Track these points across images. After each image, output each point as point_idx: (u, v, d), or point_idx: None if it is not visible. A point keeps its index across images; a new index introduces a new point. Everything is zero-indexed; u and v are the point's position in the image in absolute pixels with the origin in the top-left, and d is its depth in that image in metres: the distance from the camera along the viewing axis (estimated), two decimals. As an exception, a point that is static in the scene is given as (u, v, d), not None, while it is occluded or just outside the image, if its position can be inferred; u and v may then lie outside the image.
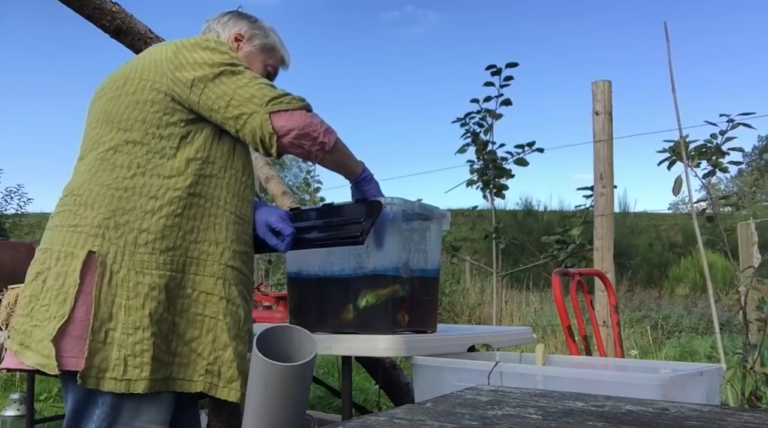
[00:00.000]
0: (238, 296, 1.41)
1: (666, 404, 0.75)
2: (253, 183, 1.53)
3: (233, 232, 1.42)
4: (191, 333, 1.34)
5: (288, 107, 1.35)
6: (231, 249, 1.41)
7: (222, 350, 1.35)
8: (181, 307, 1.33)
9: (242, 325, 1.41)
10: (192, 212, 1.36)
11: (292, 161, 21.57)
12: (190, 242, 1.35)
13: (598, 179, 2.96)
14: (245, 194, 1.47)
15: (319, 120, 1.39)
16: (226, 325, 1.36)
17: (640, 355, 4.71)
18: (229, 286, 1.39)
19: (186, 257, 1.34)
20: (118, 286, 1.27)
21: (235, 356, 1.36)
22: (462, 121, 3.67)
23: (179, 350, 1.33)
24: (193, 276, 1.35)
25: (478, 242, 11.06)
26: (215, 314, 1.36)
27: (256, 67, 1.54)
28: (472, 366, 1.38)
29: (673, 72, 2.51)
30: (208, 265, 1.37)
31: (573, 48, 51.67)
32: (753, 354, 2.15)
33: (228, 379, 1.35)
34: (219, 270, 1.38)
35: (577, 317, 2.10)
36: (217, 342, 1.35)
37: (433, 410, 0.72)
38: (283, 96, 1.36)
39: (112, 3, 2.30)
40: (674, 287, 10.08)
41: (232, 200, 1.42)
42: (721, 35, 46.77)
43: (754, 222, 4.01)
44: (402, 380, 2.45)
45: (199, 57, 1.36)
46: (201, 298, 1.35)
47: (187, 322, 1.34)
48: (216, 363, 1.35)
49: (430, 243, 1.69)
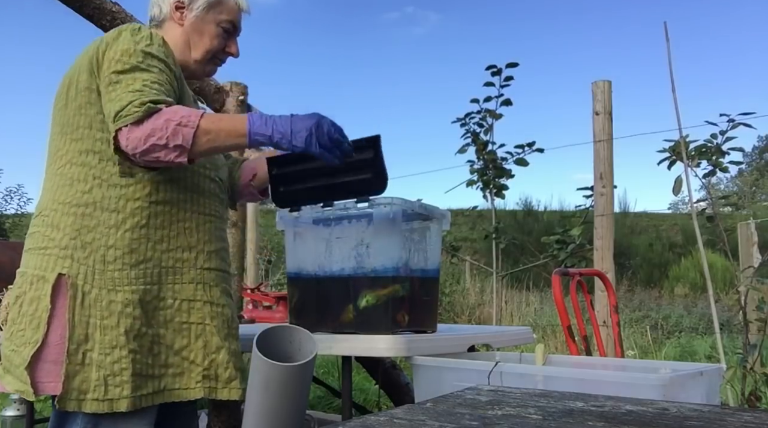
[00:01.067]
0: (221, 296, 1.38)
1: (666, 404, 0.75)
2: (218, 168, 1.47)
3: (205, 233, 1.38)
4: (180, 342, 1.31)
5: (127, 121, 1.19)
6: (206, 251, 1.37)
7: (215, 353, 1.33)
8: (164, 318, 1.30)
9: (231, 323, 1.40)
10: (158, 221, 1.31)
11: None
12: (161, 252, 1.31)
13: (598, 179, 2.96)
14: (210, 188, 1.41)
15: (163, 120, 1.19)
16: (215, 328, 1.34)
17: (640, 355, 4.70)
18: (210, 289, 1.36)
19: (160, 267, 1.30)
20: (91, 306, 1.24)
21: (230, 356, 1.35)
22: (462, 121, 3.67)
23: (170, 361, 1.30)
24: (171, 286, 1.31)
25: (478, 242, 11.06)
26: (201, 320, 1.33)
27: (210, 31, 1.44)
28: (472, 366, 1.38)
29: (673, 72, 2.52)
30: (185, 272, 1.33)
31: (573, 48, 51.69)
32: (753, 354, 2.15)
33: (226, 380, 1.34)
34: (197, 275, 1.35)
35: (577, 318, 2.10)
36: (209, 346, 1.33)
37: (433, 410, 0.72)
38: (127, 106, 1.19)
39: (112, 3, 2.30)
40: (674, 287, 10.09)
41: (198, 199, 1.37)
42: (721, 35, 46.78)
43: (754, 222, 4.01)
44: (402, 380, 2.45)
45: (111, 54, 1.27)
46: (184, 306, 1.32)
47: (173, 332, 1.31)
48: (212, 367, 1.33)
49: (430, 243, 1.69)
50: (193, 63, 1.46)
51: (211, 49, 1.45)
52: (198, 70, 1.48)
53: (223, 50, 1.48)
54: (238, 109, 2.80)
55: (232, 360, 1.35)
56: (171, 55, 1.36)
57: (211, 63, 1.49)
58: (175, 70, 1.35)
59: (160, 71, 1.28)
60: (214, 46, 1.46)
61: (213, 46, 1.45)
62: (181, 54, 1.44)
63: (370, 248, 1.55)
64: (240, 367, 1.37)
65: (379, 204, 1.51)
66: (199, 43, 1.44)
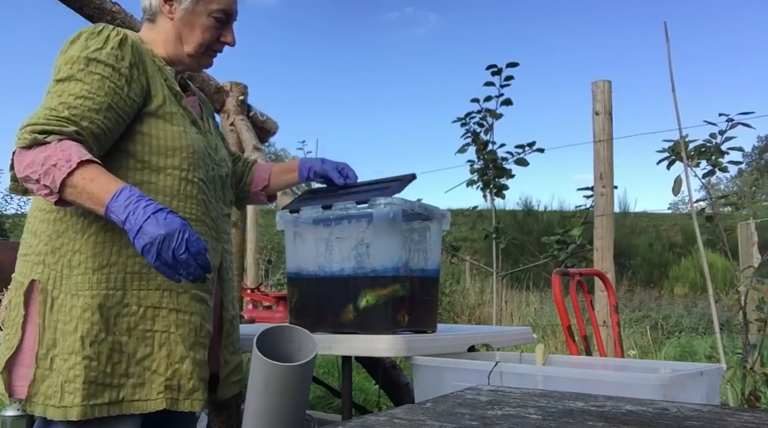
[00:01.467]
0: (189, 303, 1.31)
1: (666, 404, 0.75)
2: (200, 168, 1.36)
3: None
4: (142, 351, 1.25)
5: (18, 144, 1.15)
6: None
7: (179, 363, 1.28)
8: (127, 325, 1.25)
9: (199, 331, 1.33)
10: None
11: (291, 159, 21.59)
12: (127, 256, 1.25)
13: (598, 179, 2.96)
14: (186, 191, 1.33)
15: (43, 156, 1.12)
16: (180, 337, 1.28)
17: (640, 355, 4.71)
18: (178, 295, 1.30)
19: (125, 273, 1.25)
20: (59, 311, 1.22)
21: (194, 366, 1.29)
22: (462, 121, 3.67)
23: (131, 370, 1.24)
24: (136, 292, 1.26)
25: (478, 242, 11.06)
26: (166, 328, 1.28)
27: (202, 24, 1.38)
28: (472, 366, 1.38)
29: (673, 72, 2.52)
30: (151, 278, 1.27)
31: (573, 48, 51.73)
32: (753, 354, 2.15)
33: (189, 391, 1.29)
34: (164, 281, 1.28)
35: (577, 318, 2.10)
36: (173, 355, 1.27)
37: (433, 410, 0.72)
38: (27, 127, 1.15)
39: (112, 3, 2.30)
40: (674, 287, 10.09)
41: (171, 202, 1.30)
42: (721, 35, 46.79)
43: (754, 222, 4.01)
44: (402, 380, 2.45)
45: (59, 61, 1.25)
46: (149, 313, 1.27)
47: (136, 340, 1.25)
48: (174, 377, 1.27)
49: (430, 243, 1.69)
50: (187, 57, 1.41)
51: (203, 42, 1.40)
52: (193, 64, 1.44)
53: (218, 41, 1.43)
54: (238, 109, 2.81)
55: (197, 371, 1.30)
56: (137, 54, 1.30)
57: (206, 55, 1.44)
58: (135, 73, 1.28)
59: (101, 78, 1.22)
60: (206, 39, 1.40)
61: (205, 39, 1.40)
62: (174, 48, 1.40)
63: (370, 248, 1.55)
64: (203, 377, 1.32)
65: (379, 204, 1.51)
66: (191, 36, 1.39)
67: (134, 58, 1.29)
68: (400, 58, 52.29)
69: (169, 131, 1.31)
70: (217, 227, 1.42)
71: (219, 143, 1.53)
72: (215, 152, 1.46)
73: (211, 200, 1.41)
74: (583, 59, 48.01)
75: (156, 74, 1.35)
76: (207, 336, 1.35)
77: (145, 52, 1.34)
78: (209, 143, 1.44)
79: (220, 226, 1.45)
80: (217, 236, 1.43)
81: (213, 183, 1.42)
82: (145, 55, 1.33)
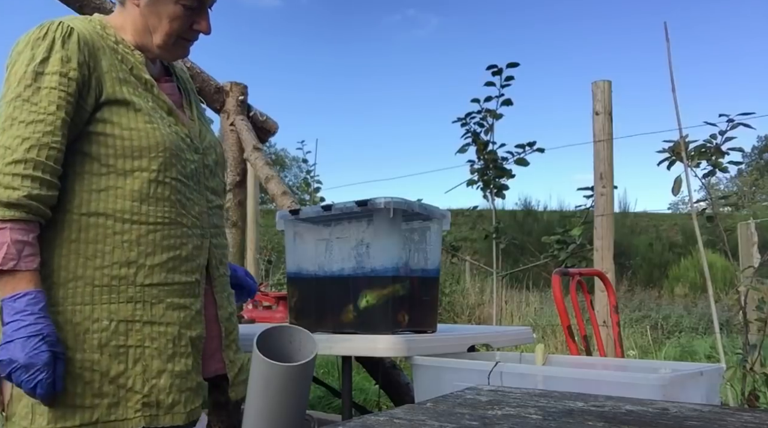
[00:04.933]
0: (165, 313, 1.24)
1: (666, 404, 0.75)
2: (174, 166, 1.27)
3: (148, 245, 1.23)
4: (116, 368, 1.18)
5: None
6: (147, 265, 1.22)
7: (156, 377, 1.21)
8: (99, 342, 1.17)
9: (178, 341, 1.25)
10: (91, 235, 1.19)
11: (292, 161, 21.62)
12: (95, 268, 1.18)
13: (598, 179, 2.96)
14: (158, 193, 1.24)
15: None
16: (156, 351, 1.21)
17: (640, 355, 4.71)
18: (152, 307, 1.22)
19: (93, 286, 1.18)
20: None
21: (173, 379, 1.22)
22: (462, 121, 3.67)
23: (105, 390, 1.17)
24: (107, 306, 1.18)
25: (478, 242, 11.05)
26: (140, 343, 1.20)
27: (168, 12, 1.27)
28: (472, 366, 1.38)
29: (673, 72, 2.52)
30: (122, 291, 1.20)
31: (573, 49, 51.79)
32: (753, 354, 2.15)
33: (169, 406, 1.22)
34: (137, 293, 1.21)
35: (577, 318, 2.10)
36: (149, 371, 1.20)
37: (433, 410, 0.72)
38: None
39: (112, 3, 2.30)
40: (674, 287, 10.09)
41: (140, 208, 1.22)
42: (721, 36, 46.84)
43: (754, 222, 4.02)
44: (402, 380, 2.44)
45: (8, 73, 1.18)
46: (121, 328, 1.19)
47: (108, 357, 1.17)
48: (152, 393, 1.20)
49: (430, 243, 1.69)
50: (156, 49, 1.31)
51: (171, 32, 1.28)
52: (164, 55, 1.34)
53: (190, 29, 1.30)
54: (238, 109, 2.81)
55: (176, 383, 1.23)
56: (84, 49, 1.20)
57: (178, 46, 1.32)
58: (85, 72, 1.20)
59: (49, 92, 1.15)
60: (174, 29, 1.28)
61: (173, 29, 1.28)
62: (141, 38, 1.30)
63: (370, 248, 1.55)
64: (185, 388, 1.25)
65: (379, 204, 1.51)
66: (158, 26, 1.28)
67: (82, 56, 1.19)
68: (400, 60, 52.36)
69: (136, 129, 1.22)
70: (200, 223, 1.33)
71: (205, 127, 1.43)
72: (199, 140, 1.36)
73: (191, 196, 1.31)
74: (583, 60, 48.05)
75: (115, 65, 1.25)
76: (189, 344, 1.27)
77: (99, 43, 1.24)
78: (190, 132, 1.34)
79: (206, 220, 1.35)
80: (202, 232, 1.33)
81: (194, 177, 1.32)
82: (98, 48, 1.23)
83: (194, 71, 2.66)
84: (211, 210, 1.38)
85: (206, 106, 2.79)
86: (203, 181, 1.36)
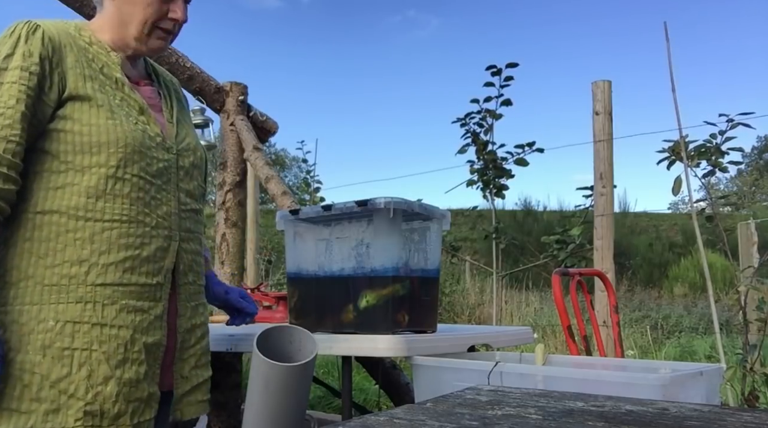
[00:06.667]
0: (118, 315, 1.18)
1: (666, 404, 0.75)
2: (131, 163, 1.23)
3: (102, 243, 1.18)
4: (58, 371, 1.12)
5: None
6: (101, 264, 1.17)
7: (102, 384, 1.14)
8: (42, 343, 1.12)
9: (130, 346, 1.19)
10: (44, 233, 1.16)
11: (292, 161, 21.62)
12: (45, 267, 1.15)
13: (598, 179, 2.96)
14: (117, 190, 1.21)
15: None
16: (103, 355, 1.15)
17: (640, 355, 4.71)
18: (103, 308, 1.17)
19: (42, 285, 1.14)
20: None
21: (120, 386, 1.16)
22: (462, 121, 3.68)
23: (43, 394, 1.11)
24: (54, 306, 1.14)
25: (478, 242, 11.06)
26: (87, 345, 1.14)
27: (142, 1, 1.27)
28: (472, 366, 1.38)
29: (673, 72, 2.52)
30: (71, 290, 1.15)
31: (573, 49, 51.81)
32: (753, 354, 2.15)
33: (113, 416, 1.15)
34: (87, 293, 1.16)
35: (577, 318, 2.10)
36: (94, 376, 1.14)
37: (433, 410, 0.72)
38: None
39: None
40: (674, 287, 10.10)
41: (96, 205, 1.18)
42: (721, 36, 46.84)
43: (753, 222, 4.02)
44: (402, 380, 2.44)
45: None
46: (67, 329, 1.14)
47: (51, 360, 1.12)
48: (96, 401, 1.13)
49: (430, 243, 1.69)
50: (134, 41, 1.29)
51: (145, 19, 1.27)
52: (140, 48, 1.31)
53: (166, 17, 1.29)
54: (238, 109, 2.81)
55: (124, 392, 1.16)
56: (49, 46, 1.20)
57: (154, 36, 1.30)
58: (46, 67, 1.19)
59: (10, 86, 1.14)
60: (148, 14, 1.27)
61: (148, 14, 1.27)
62: (118, 33, 1.29)
63: (370, 248, 1.55)
64: (136, 397, 1.18)
65: (379, 204, 1.51)
66: (133, 14, 1.27)
67: (45, 51, 1.18)
68: (401, 61, 52.38)
69: (95, 125, 1.19)
70: (168, 224, 1.27)
71: (186, 131, 1.40)
72: (174, 142, 1.33)
73: (158, 195, 1.27)
74: (583, 60, 48.08)
75: (81, 62, 1.24)
76: (143, 350, 1.21)
77: (66, 41, 1.23)
78: (162, 132, 1.31)
79: (175, 222, 1.29)
80: (169, 234, 1.27)
81: (163, 176, 1.28)
82: (65, 45, 1.23)
83: (194, 71, 2.65)
84: (183, 213, 1.32)
85: (206, 106, 2.79)
86: (175, 181, 1.31)
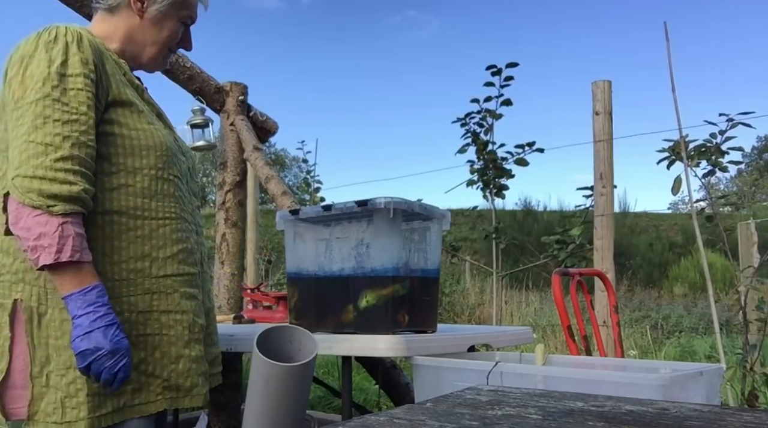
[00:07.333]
0: (180, 302, 1.30)
1: (666, 404, 0.75)
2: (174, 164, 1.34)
3: (159, 238, 1.29)
4: (137, 356, 1.23)
5: (21, 199, 1.12)
6: (160, 258, 1.28)
7: (174, 363, 1.27)
8: None
9: (193, 327, 1.32)
10: (106, 233, 1.23)
11: (292, 161, 21.62)
12: (112, 264, 1.23)
13: (598, 179, 2.96)
14: (163, 189, 1.31)
15: (39, 232, 1.11)
16: (173, 338, 1.28)
17: (640, 355, 4.71)
18: (167, 297, 1.29)
19: (113, 281, 1.22)
20: (48, 327, 1.19)
21: (190, 363, 1.30)
22: (462, 121, 3.67)
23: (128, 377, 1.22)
24: (126, 299, 1.24)
25: (478, 242, 11.06)
26: (158, 331, 1.27)
27: (170, 26, 1.39)
28: (472, 366, 1.38)
29: (673, 72, 2.52)
30: (138, 283, 1.25)
31: (573, 49, 51.82)
32: (753, 354, 2.15)
33: (188, 389, 1.29)
34: (153, 285, 1.27)
35: (577, 318, 2.10)
36: (167, 356, 1.27)
37: (433, 410, 0.72)
38: (31, 178, 1.11)
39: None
40: (674, 287, 10.10)
41: (149, 204, 1.28)
42: (721, 36, 46.85)
43: (754, 222, 4.02)
44: (402, 380, 2.44)
45: (23, 76, 1.19)
46: (140, 318, 1.25)
47: (130, 347, 1.21)
48: (171, 377, 1.27)
49: (430, 243, 1.69)
50: (146, 60, 1.40)
51: (168, 43, 1.41)
52: (149, 66, 1.43)
53: (177, 43, 1.44)
54: (237, 109, 2.81)
55: (193, 368, 1.30)
56: (96, 52, 1.25)
57: (166, 58, 1.45)
58: (99, 74, 1.24)
59: (77, 92, 1.18)
60: (171, 40, 1.41)
61: (171, 41, 1.41)
62: (131, 48, 1.38)
63: (370, 248, 1.55)
64: (202, 372, 1.32)
65: (379, 204, 1.51)
66: (157, 37, 1.39)
67: (95, 58, 1.24)
68: (401, 61, 52.41)
69: (141, 129, 1.28)
70: (195, 220, 1.41)
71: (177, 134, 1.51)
72: (182, 145, 1.45)
73: (186, 194, 1.39)
74: (583, 60, 48.12)
75: (115, 70, 1.30)
76: (201, 330, 1.35)
77: (101, 48, 1.29)
78: (176, 136, 1.43)
79: (197, 219, 1.43)
80: (195, 228, 1.41)
81: (185, 177, 1.41)
82: (101, 52, 1.28)
83: (194, 71, 2.65)
84: (195, 209, 1.45)
85: (206, 106, 2.79)
86: (190, 182, 1.44)
